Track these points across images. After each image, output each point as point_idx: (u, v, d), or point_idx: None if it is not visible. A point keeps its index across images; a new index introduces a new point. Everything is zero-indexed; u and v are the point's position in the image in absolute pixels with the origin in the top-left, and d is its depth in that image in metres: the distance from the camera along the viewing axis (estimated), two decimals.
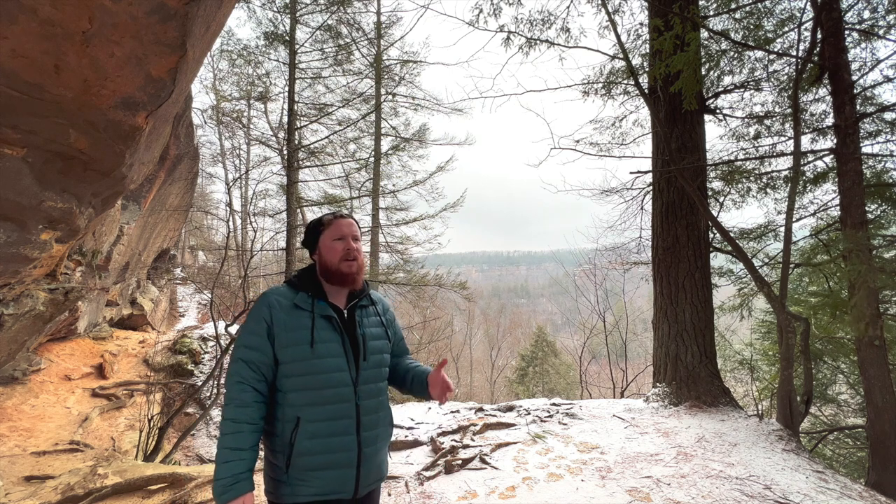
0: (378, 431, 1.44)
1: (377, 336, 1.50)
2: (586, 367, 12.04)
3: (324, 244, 1.48)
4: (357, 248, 1.48)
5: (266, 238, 9.04)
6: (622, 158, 8.80)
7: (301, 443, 1.31)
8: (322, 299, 1.44)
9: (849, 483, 3.39)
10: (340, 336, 1.40)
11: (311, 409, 1.33)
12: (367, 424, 1.40)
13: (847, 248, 4.73)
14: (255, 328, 1.36)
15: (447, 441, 4.11)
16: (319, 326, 1.38)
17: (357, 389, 1.38)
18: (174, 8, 1.88)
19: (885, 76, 5.57)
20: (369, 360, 1.43)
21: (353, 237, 1.49)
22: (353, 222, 1.52)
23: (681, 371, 5.39)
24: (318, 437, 1.32)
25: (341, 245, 1.46)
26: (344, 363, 1.38)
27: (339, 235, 1.47)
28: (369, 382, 1.43)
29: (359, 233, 1.54)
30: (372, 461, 1.40)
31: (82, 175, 2.48)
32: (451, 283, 10.48)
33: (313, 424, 1.32)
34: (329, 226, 1.50)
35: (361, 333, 1.45)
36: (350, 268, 1.45)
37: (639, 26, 6.61)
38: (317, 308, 1.41)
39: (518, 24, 6.11)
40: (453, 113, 12.24)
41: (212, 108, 12.98)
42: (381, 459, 1.47)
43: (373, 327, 1.51)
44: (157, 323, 10.51)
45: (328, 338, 1.38)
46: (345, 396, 1.36)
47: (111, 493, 3.15)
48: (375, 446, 1.42)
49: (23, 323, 3.65)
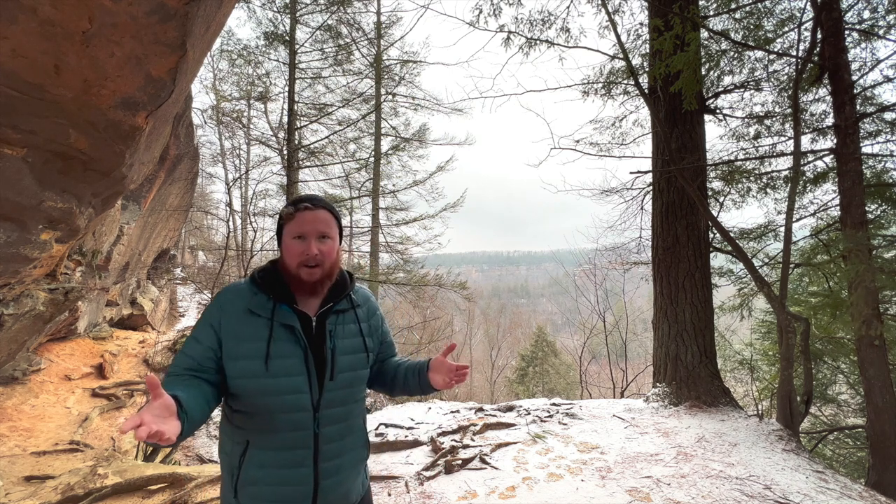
0: (342, 460, 1.21)
1: (351, 349, 1.24)
2: (586, 367, 12.05)
3: (285, 242, 1.20)
4: (323, 250, 1.18)
5: (266, 238, 9.04)
6: (622, 158, 8.82)
7: (248, 471, 1.12)
8: (286, 303, 1.17)
9: (849, 483, 3.39)
10: (303, 351, 1.15)
11: (261, 435, 1.13)
12: (328, 454, 1.17)
13: (847, 248, 4.73)
14: (199, 333, 1.14)
15: (447, 441, 4.11)
16: (278, 337, 1.13)
17: (317, 415, 1.15)
18: (174, 8, 1.88)
19: (885, 76, 5.57)
20: (337, 379, 1.18)
21: (317, 235, 1.17)
22: (321, 215, 1.19)
23: (681, 371, 5.39)
24: (268, 467, 1.12)
25: (300, 246, 1.16)
26: (304, 383, 1.14)
27: (298, 233, 1.17)
28: (335, 406, 1.19)
29: (330, 227, 1.21)
30: (333, 492, 1.19)
31: (82, 175, 2.48)
32: (451, 283, 10.49)
33: (263, 452, 1.12)
34: (289, 220, 1.19)
35: (331, 347, 1.19)
36: (311, 276, 1.16)
37: (639, 26, 6.61)
38: (277, 315, 1.15)
39: (518, 24, 6.11)
40: (453, 113, 12.26)
41: (212, 108, 12.97)
42: (348, 488, 1.24)
43: (347, 338, 1.24)
44: (157, 323, 10.51)
45: (287, 352, 1.13)
46: (301, 424, 1.13)
47: (111, 493, 3.15)
48: (338, 477, 1.20)
49: (23, 323, 3.65)
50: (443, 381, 1.26)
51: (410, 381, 1.33)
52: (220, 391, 1.14)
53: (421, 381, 1.30)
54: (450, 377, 1.25)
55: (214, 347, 1.13)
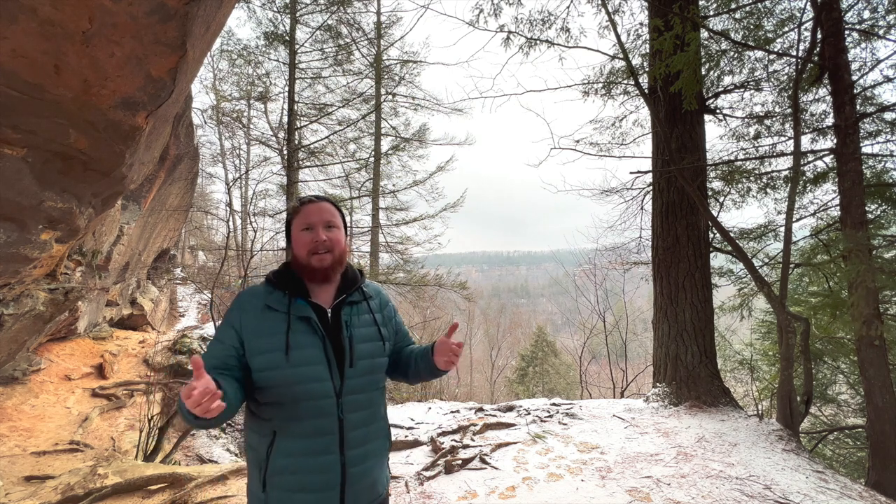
0: (368, 448, 1.25)
1: (368, 337, 1.29)
2: (586, 367, 12.04)
3: (294, 236, 1.29)
4: (331, 237, 1.27)
5: (266, 238, 9.04)
6: (622, 158, 8.82)
7: (277, 461, 1.16)
8: (302, 297, 1.25)
9: (849, 483, 3.39)
10: (321, 340, 1.21)
11: (288, 424, 1.18)
12: (354, 441, 1.22)
13: (847, 248, 4.73)
14: (221, 335, 1.21)
15: (447, 441, 4.11)
16: (296, 330, 1.20)
17: (340, 401, 1.20)
18: (174, 8, 1.88)
19: (885, 76, 5.57)
20: (357, 366, 1.24)
21: (324, 224, 1.27)
22: (325, 206, 1.30)
23: (681, 371, 5.39)
24: (295, 455, 1.16)
25: (309, 236, 1.26)
26: (325, 371, 1.19)
27: (305, 224, 1.27)
28: (357, 392, 1.24)
29: (335, 217, 1.31)
30: (361, 481, 1.22)
31: (82, 175, 2.48)
32: (451, 283, 10.50)
33: (290, 441, 1.17)
34: (296, 215, 1.29)
35: (348, 335, 1.25)
36: (322, 262, 1.25)
37: (639, 26, 6.61)
38: (293, 308, 1.22)
39: (518, 24, 6.12)
40: (453, 113, 12.24)
41: (212, 108, 12.98)
42: (375, 478, 1.27)
43: (363, 327, 1.30)
44: (157, 323, 10.51)
45: (306, 342, 1.20)
46: (325, 410, 1.18)
47: (111, 493, 3.15)
48: (364, 465, 1.23)
49: (23, 323, 3.65)
50: (443, 361, 1.29)
51: (421, 366, 1.36)
52: (245, 388, 1.19)
53: (428, 364, 1.34)
54: (448, 357, 1.28)
55: (237, 346, 1.19)
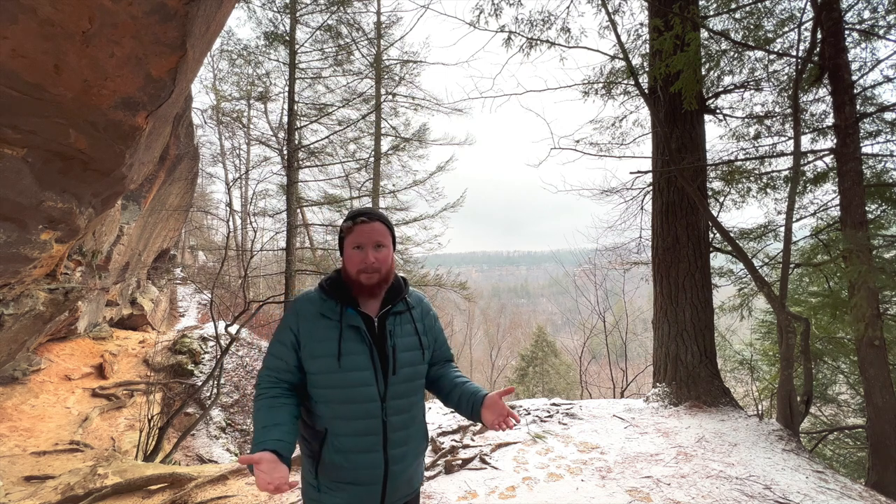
0: (407, 448, 1.38)
1: (409, 347, 1.41)
2: (586, 367, 12.05)
3: (346, 252, 1.39)
4: (380, 257, 1.36)
5: (266, 238, 9.06)
6: (622, 158, 8.80)
7: (327, 455, 1.30)
8: (351, 307, 1.36)
9: (849, 483, 3.39)
10: (368, 348, 1.33)
11: (338, 422, 1.31)
12: (396, 441, 1.34)
13: (847, 248, 4.73)
14: (281, 337, 1.36)
15: (447, 441, 4.11)
16: (347, 338, 1.32)
17: (385, 405, 1.32)
18: (174, 8, 1.88)
19: (885, 76, 5.56)
20: (399, 373, 1.36)
21: (374, 245, 1.36)
22: (377, 226, 1.38)
23: (681, 371, 5.39)
24: (344, 451, 1.30)
25: (359, 256, 1.35)
26: (371, 377, 1.31)
27: (356, 244, 1.36)
28: (399, 397, 1.36)
29: (385, 237, 1.39)
30: (400, 478, 1.36)
31: (82, 175, 2.48)
32: (451, 283, 10.50)
33: (340, 439, 1.30)
34: (349, 233, 1.39)
35: (392, 344, 1.36)
36: (369, 280, 1.35)
37: (639, 26, 6.60)
38: (345, 318, 1.34)
39: (518, 24, 6.11)
40: (453, 113, 12.23)
41: (212, 108, 12.99)
42: (411, 475, 1.41)
43: (405, 337, 1.41)
44: (157, 323, 10.51)
45: (355, 350, 1.32)
46: (371, 412, 1.31)
47: (111, 493, 3.15)
48: (403, 464, 1.36)
49: (23, 323, 3.65)
50: (492, 420, 1.33)
51: (463, 406, 1.43)
52: (300, 391, 1.36)
53: (473, 411, 1.39)
54: (499, 421, 1.32)
55: (296, 347, 1.34)
